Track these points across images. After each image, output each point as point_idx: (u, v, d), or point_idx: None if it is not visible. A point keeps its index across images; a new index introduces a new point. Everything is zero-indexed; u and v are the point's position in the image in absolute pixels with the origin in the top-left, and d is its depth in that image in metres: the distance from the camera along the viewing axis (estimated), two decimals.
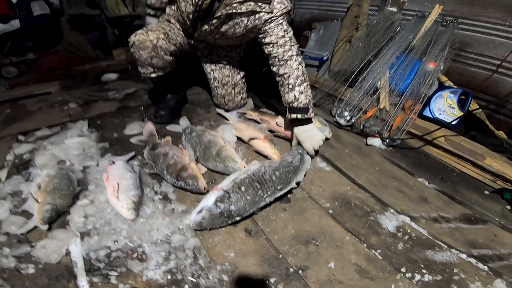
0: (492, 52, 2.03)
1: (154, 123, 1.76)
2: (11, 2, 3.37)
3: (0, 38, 3.50)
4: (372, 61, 2.02)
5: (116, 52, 3.53)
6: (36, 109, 2.21)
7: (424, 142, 1.76)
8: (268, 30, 1.46)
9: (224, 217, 1.12)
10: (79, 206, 1.20)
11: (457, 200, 1.42)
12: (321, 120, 1.76)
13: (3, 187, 1.34)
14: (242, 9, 1.39)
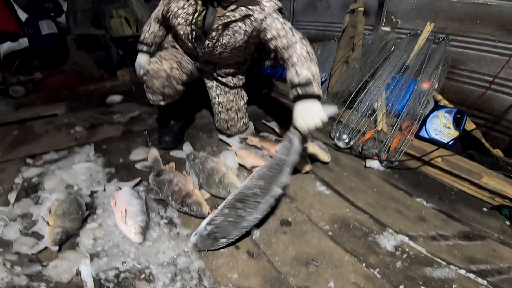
0: (484, 68, 2.08)
1: (158, 149, 1.85)
2: (20, 20, 3.53)
3: (9, 56, 3.65)
4: (369, 82, 2.11)
5: (120, 73, 3.67)
6: (43, 132, 2.32)
7: (422, 162, 1.82)
8: (266, 27, 1.51)
9: (212, 239, 1.19)
10: (88, 229, 1.29)
11: (455, 218, 1.47)
12: (320, 144, 1.82)
13: (12, 209, 1.43)
14: (236, 16, 1.49)
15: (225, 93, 1.92)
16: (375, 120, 2.01)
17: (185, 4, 1.59)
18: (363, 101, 2.05)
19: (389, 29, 2.35)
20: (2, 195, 1.56)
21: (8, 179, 1.70)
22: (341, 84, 2.34)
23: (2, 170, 1.80)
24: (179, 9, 1.60)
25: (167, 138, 1.88)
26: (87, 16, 3.85)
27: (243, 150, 1.72)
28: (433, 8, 2.25)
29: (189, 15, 1.57)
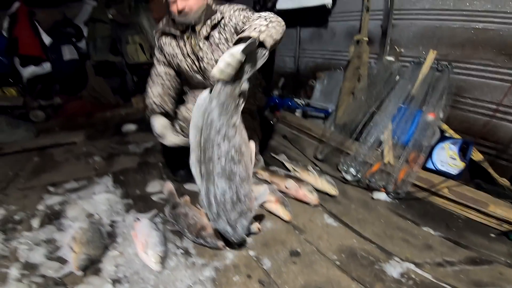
0: (488, 96, 2.11)
1: (173, 182, 1.99)
2: (44, 44, 3.76)
3: (31, 80, 3.89)
4: (375, 113, 2.21)
5: (135, 100, 3.91)
6: (63, 160, 2.51)
7: (429, 192, 1.88)
8: (236, 21, 1.67)
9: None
10: (110, 256, 1.41)
11: (462, 245, 1.52)
12: (328, 179, 1.92)
13: (37, 234, 1.57)
14: (208, 30, 1.70)
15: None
16: (382, 152, 2.09)
17: (172, 42, 1.82)
18: (370, 133, 2.14)
19: (393, 58, 2.47)
20: (25, 220, 1.71)
21: (31, 205, 1.85)
22: (348, 116, 2.44)
23: (25, 197, 1.97)
24: (173, 48, 1.82)
25: (182, 172, 2.02)
26: (105, 43, 4.08)
27: (253, 186, 1.81)
28: (434, 35, 2.36)
29: (182, 48, 1.79)
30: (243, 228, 1.28)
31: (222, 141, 1.24)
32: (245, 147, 1.31)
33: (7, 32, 3.60)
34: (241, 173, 1.26)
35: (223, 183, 1.24)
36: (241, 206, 1.25)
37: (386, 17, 2.62)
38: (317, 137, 2.66)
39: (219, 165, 1.24)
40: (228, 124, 1.26)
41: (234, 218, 1.26)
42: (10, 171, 2.37)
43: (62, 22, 4.04)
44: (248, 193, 1.28)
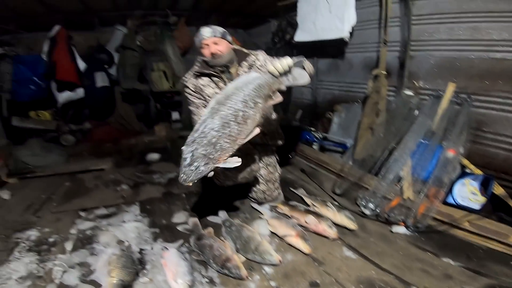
0: (508, 130, 2.13)
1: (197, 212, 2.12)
2: (79, 70, 4.04)
3: (65, 105, 4.19)
4: (394, 148, 2.26)
5: (158, 128, 4.17)
6: (93, 186, 2.71)
7: (449, 225, 1.92)
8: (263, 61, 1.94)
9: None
10: (141, 283, 1.53)
11: (482, 274, 1.54)
12: (347, 214, 1.99)
13: (70, 257, 1.71)
14: (245, 70, 1.91)
15: (266, 166, 2.18)
16: (401, 188, 2.14)
17: (211, 84, 1.96)
18: (389, 169, 2.19)
19: (412, 93, 2.53)
20: (59, 243, 1.86)
21: (64, 229, 2.01)
22: (366, 151, 2.51)
23: (58, 220, 2.14)
24: (213, 88, 1.96)
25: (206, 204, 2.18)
26: (134, 71, 4.38)
27: (275, 220, 1.94)
28: (453, 66, 2.41)
29: (223, 88, 1.91)
30: (196, 169, 1.35)
31: (240, 102, 1.40)
32: (250, 124, 1.44)
33: (46, 55, 3.90)
34: (232, 132, 1.38)
35: (218, 123, 1.36)
36: (212, 151, 1.35)
37: (404, 49, 2.70)
38: (335, 172, 2.73)
39: (225, 112, 1.38)
40: (253, 99, 1.43)
41: (198, 154, 1.35)
42: (43, 194, 2.58)
43: (96, 48, 4.37)
44: (224, 150, 1.38)
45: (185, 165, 1.37)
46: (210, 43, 1.82)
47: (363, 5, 3.06)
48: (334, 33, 3.01)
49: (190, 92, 2.01)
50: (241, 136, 1.41)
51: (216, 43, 1.83)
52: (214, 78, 1.94)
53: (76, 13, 3.87)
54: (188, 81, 2.00)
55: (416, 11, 2.61)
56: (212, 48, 1.82)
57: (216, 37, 1.83)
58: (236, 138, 1.40)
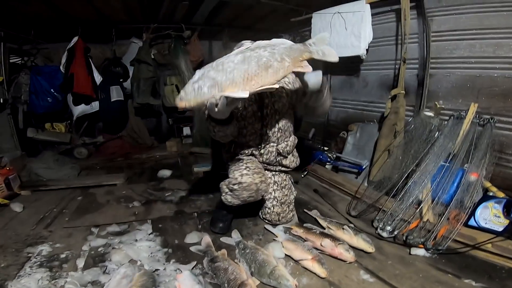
0: None
1: (210, 232, 2.12)
2: (95, 83, 4.12)
3: (80, 118, 4.30)
4: (413, 171, 2.23)
5: (169, 144, 4.24)
6: (105, 202, 2.74)
7: (471, 247, 1.88)
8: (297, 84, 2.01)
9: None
10: None
11: None
12: (364, 237, 1.95)
13: (82, 275, 1.70)
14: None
15: (281, 188, 2.19)
16: (421, 210, 2.10)
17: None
18: (408, 192, 2.16)
19: (432, 113, 2.49)
20: (71, 259, 1.87)
21: (76, 245, 2.02)
22: (383, 173, 2.48)
23: (69, 235, 2.15)
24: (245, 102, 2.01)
25: (221, 224, 2.17)
26: (147, 85, 4.46)
27: (290, 243, 1.92)
28: (474, 85, 2.38)
29: (252, 98, 2.00)
30: (198, 89, 1.33)
31: (268, 52, 1.40)
32: (270, 75, 1.40)
33: (64, 67, 4.00)
34: (250, 70, 1.35)
35: (239, 58, 1.37)
36: (223, 77, 1.33)
37: (423, 67, 2.67)
38: (350, 193, 2.70)
39: (250, 53, 1.38)
40: (281, 55, 1.42)
41: (208, 75, 1.34)
42: (55, 208, 2.61)
43: (113, 61, 4.49)
44: (235, 82, 1.35)
45: (190, 82, 1.38)
46: None
47: (379, 21, 3.07)
48: (350, 51, 3.01)
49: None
50: (256, 79, 1.39)
51: None
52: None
53: (93, 24, 3.97)
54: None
55: (435, 27, 2.60)
56: None
57: None
58: (251, 78, 1.37)
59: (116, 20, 3.99)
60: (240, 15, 3.98)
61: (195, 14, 3.94)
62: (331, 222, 2.19)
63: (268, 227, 2.19)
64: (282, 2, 3.44)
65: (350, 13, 2.96)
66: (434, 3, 2.59)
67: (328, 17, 3.19)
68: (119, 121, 4.44)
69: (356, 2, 2.91)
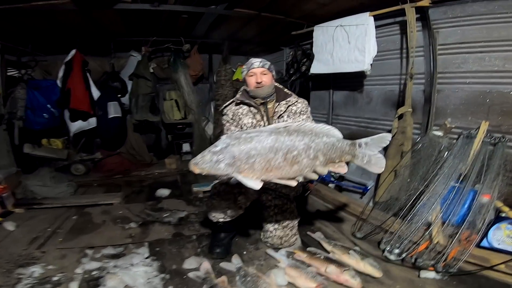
0: None
1: (208, 258, 2.08)
2: (92, 99, 4.10)
3: (77, 134, 4.28)
4: (422, 192, 2.17)
5: (168, 161, 4.24)
6: (100, 222, 2.70)
7: (483, 267, 1.85)
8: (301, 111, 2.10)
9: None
10: None
11: None
12: (371, 262, 1.90)
13: None
14: (282, 109, 2.06)
15: (281, 212, 2.15)
16: (430, 232, 2.06)
17: (249, 114, 2.08)
18: (416, 214, 2.11)
19: (441, 133, 2.43)
20: (64, 282, 1.82)
21: (70, 267, 1.98)
22: (390, 194, 2.43)
23: (63, 257, 2.11)
24: (251, 118, 2.07)
25: (218, 249, 2.12)
26: (146, 101, 4.47)
27: (293, 269, 1.87)
28: (484, 101, 2.31)
29: (260, 120, 2.08)
30: (216, 162, 1.32)
31: (303, 144, 1.36)
32: (293, 171, 1.37)
33: (61, 81, 3.99)
34: (273, 161, 1.32)
35: (269, 144, 1.33)
36: (245, 160, 1.31)
37: (429, 82, 2.61)
38: (355, 214, 2.65)
39: (283, 139, 1.34)
40: (317, 152, 1.38)
41: (232, 150, 1.32)
42: (49, 227, 2.58)
43: (111, 75, 4.50)
44: (253, 169, 1.32)
45: (210, 150, 1.35)
46: (258, 73, 2.03)
47: (382, 34, 3.02)
48: (354, 66, 2.96)
49: (228, 120, 2.15)
50: (276, 172, 1.36)
51: (263, 73, 2.03)
52: (252, 109, 2.09)
53: (91, 36, 3.98)
54: (228, 108, 2.15)
55: (442, 40, 2.55)
56: (259, 77, 2.02)
57: (264, 68, 2.04)
58: (271, 169, 1.34)
59: (115, 32, 4.01)
60: (240, 28, 4.00)
61: (195, 27, 3.95)
62: (335, 245, 2.14)
63: (270, 251, 2.14)
64: (283, 15, 3.45)
65: (353, 26, 2.92)
66: (440, 15, 2.55)
67: (330, 30, 3.17)
68: (116, 138, 4.42)
69: (359, 15, 2.88)
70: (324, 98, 3.88)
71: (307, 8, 3.19)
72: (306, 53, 3.73)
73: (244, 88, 2.14)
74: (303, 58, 3.79)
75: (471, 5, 2.38)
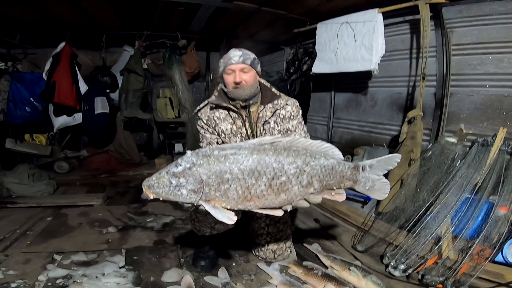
0: None
1: (192, 271, 1.87)
2: (79, 93, 3.88)
3: (63, 130, 4.09)
4: (432, 203, 2.04)
5: (158, 161, 4.07)
6: (76, 225, 2.49)
7: (497, 284, 1.71)
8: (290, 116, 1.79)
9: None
10: None
11: None
12: (374, 280, 1.72)
13: None
14: (268, 114, 1.75)
15: (274, 223, 1.95)
16: (439, 247, 1.91)
17: (227, 118, 1.78)
18: (425, 226, 1.96)
19: (455, 140, 2.27)
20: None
21: (32, 274, 1.78)
22: (395, 204, 2.27)
23: (27, 262, 1.91)
24: (230, 124, 1.77)
25: (203, 262, 1.90)
26: (137, 97, 4.26)
27: (286, 287, 1.68)
28: (502, 105, 2.20)
29: (241, 126, 1.76)
30: (176, 187, 1.08)
31: (294, 167, 1.15)
32: (279, 200, 1.16)
33: (47, 74, 3.78)
34: (254, 188, 1.10)
35: (249, 165, 1.09)
36: (214, 185, 1.08)
37: (441, 84, 2.50)
38: (356, 224, 2.49)
39: (269, 160, 1.12)
40: (312, 177, 1.17)
41: (198, 172, 1.08)
42: (18, 229, 2.38)
43: (100, 70, 4.31)
44: (225, 198, 1.10)
45: (169, 171, 1.10)
46: (237, 70, 1.66)
47: (391, 33, 2.89)
48: (360, 65, 2.79)
49: (202, 125, 1.84)
50: (257, 201, 1.13)
51: (243, 70, 1.68)
52: (231, 113, 1.78)
53: (82, 29, 3.82)
54: (202, 111, 1.83)
55: (456, 40, 2.44)
56: (238, 76, 1.66)
57: (245, 64, 1.67)
58: (251, 198, 1.11)
59: (107, 26, 3.85)
60: (240, 24, 3.85)
61: (192, 22, 3.80)
62: (334, 260, 1.94)
63: (261, 265, 1.93)
64: (285, 11, 3.29)
65: (360, 23, 2.77)
66: (454, 14, 2.44)
67: (335, 27, 3.01)
68: (104, 135, 4.21)
69: (367, 11, 2.73)
70: (326, 100, 3.77)
71: (311, 3, 3.04)
72: (308, 51, 3.56)
73: (222, 88, 1.80)
74: (305, 56, 3.60)
75: (488, 4, 2.28)
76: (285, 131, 1.77)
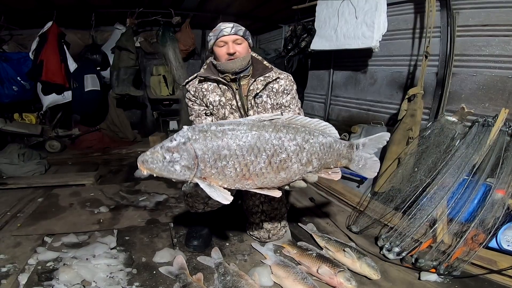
0: None
1: (185, 251, 1.86)
2: (68, 71, 3.80)
3: (53, 108, 4.00)
4: (429, 183, 2.01)
5: (152, 138, 4.00)
6: (67, 205, 2.46)
7: (489, 271, 1.72)
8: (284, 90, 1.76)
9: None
10: None
11: None
12: (368, 262, 1.71)
13: None
14: (259, 87, 1.72)
15: (269, 201, 1.92)
16: (434, 229, 1.89)
17: (216, 90, 1.74)
18: (420, 207, 1.95)
19: (455, 119, 2.23)
20: (13, 274, 1.62)
21: (22, 257, 1.77)
22: (391, 184, 2.25)
23: (17, 245, 1.90)
24: (219, 96, 1.72)
25: (196, 242, 1.88)
26: (129, 74, 4.15)
27: (280, 268, 1.66)
28: (505, 87, 2.19)
29: (231, 99, 1.72)
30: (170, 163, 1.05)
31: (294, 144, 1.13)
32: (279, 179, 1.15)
33: (33, 53, 3.68)
34: (253, 166, 1.08)
35: (248, 141, 1.06)
36: (211, 161, 1.04)
37: (444, 64, 2.47)
38: (351, 204, 2.48)
39: (268, 136, 1.09)
40: (311, 155, 1.17)
41: (193, 148, 1.04)
42: (9, 211, 2.36)
43: (90, 48, 4.18)
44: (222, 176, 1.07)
45: (163, 146, 1.06)
46: (230, 41, 1.63)
47: (393, 12, 2.83)
48: (361, 42, 2.72)
49: (190, 98, 1.79)
50: (256, 180, 1.10)
51: (236, 42, 1.65)
52: (221, 86, 1.74)
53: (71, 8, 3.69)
54: (190, 83, 1.78)
55: (462, 21, 2.39)
56: (231, 47, 1.63)
57: (237, 35, 1.64)
58: (249, 176, 1.08)
59: (96, 4, 3.73)
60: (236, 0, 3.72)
61: None
62: (329, 241, 1.93)
63: (255, 245, 1.93)
64: None
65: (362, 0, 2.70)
66: None
67: (336, 4, 2.94)
68: (95, 113, 4.11)
69: None
70: (324, 77, 3.71)
71: None
72: (306, 28, 3.46)
73: (211, 61, 1.75)
74: (304, 33, 3.49)
75: None
76: (278, 106, 1.74)
